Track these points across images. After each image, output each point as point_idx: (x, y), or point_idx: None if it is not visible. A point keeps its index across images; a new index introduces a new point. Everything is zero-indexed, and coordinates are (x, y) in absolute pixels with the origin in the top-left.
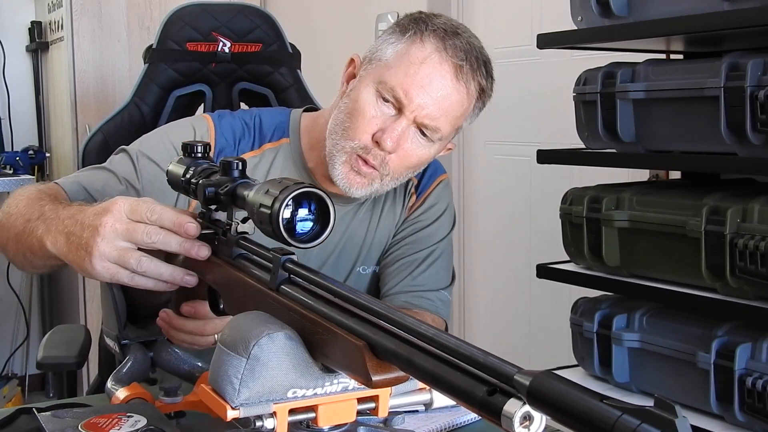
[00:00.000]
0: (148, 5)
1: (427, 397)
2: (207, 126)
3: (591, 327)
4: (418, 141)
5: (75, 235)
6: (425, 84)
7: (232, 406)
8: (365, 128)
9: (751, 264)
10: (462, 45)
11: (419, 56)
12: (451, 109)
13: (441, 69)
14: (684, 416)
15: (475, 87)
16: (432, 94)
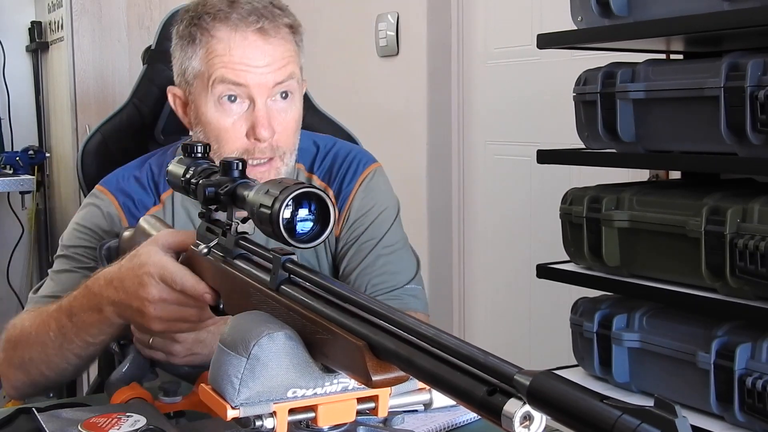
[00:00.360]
0: (148, 5)
1: (427, 397)
2: (108, 199)
3: (591, 327)
4: (283, 107)
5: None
6: (248, 62)
7: (232, 406)
8: (235, 136)
9: (751, 264)
10: (246, 8)
11: (223, 47)
12: (284, 60)
13: (249, 42)
14: (684, 416)
15: (285, 31)
16: (260, 65)
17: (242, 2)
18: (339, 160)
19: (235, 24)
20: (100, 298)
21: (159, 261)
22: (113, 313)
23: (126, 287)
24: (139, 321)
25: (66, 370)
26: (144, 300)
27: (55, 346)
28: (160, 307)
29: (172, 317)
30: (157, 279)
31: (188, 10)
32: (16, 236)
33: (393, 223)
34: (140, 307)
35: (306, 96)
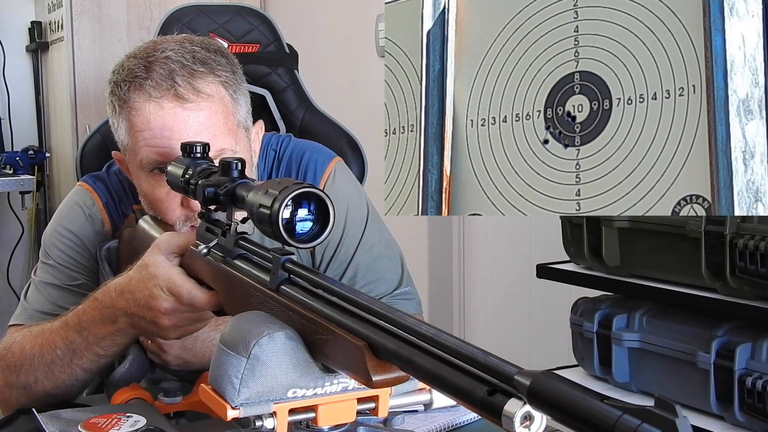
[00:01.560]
0: (148, 5)
1: (427, 397)
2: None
3: (591, 327)
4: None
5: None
6: (170, 135)
7: (232, 406)
8: (171, 206)
9: (751, 264)
10: (162, 72)
11: (141, 121)
12: (210, 125)
13: (165, 112)
14: (684, 416)
15: (209, 90)
16: (183, 137)
17: (158, 62)
18: (294, 165)
19: (149, 93)
20: (114, 310)
21: (166, 274)
22: (127, 324)
23: (137, 299)
24: (154, 331)
25: (73, 386)
26: (156, 312)
27: (63, 363)
28: (173, 317)
29: (185, 323)
30: (167, 292)
31: (113, 72)
32: (16, 236)
33: (366, 223)
34: (153, 319)
35: (306, 96)
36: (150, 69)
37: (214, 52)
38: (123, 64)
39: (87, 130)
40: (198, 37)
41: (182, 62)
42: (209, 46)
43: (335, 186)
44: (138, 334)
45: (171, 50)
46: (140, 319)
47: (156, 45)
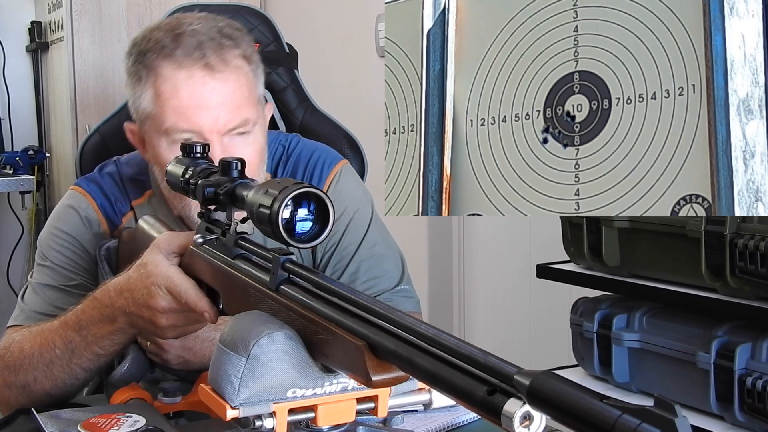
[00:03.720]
0: (148, 5)
1: (427, 397)
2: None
3: (591, 327)
4: (242, 142)
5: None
6: (198, 104)
7: (232, 406)
8: None
9: (751, 264)
10: (190, 43)
11: (170, 88)
12: (236, 97)
13: (195, 80)
14: (684, 416)
15: (234, 63)
16: (210, 106)
17: (187, 34)
18: (303, 163)
19: (179, 61)
20: (113, 309)
21: (165, 272)
22: (125, 323)
23: (135, 298)
24: (152, 330)
25: (72, 386)
26: (154, 310)
27: (62, 362)
28: (171, 317)
29: (183, 323)
30: (165, 291)
31: (135, 44)
32: (16, 236)
33: (370, 223)
34: (151, 318)
35: (306, 96)
36: (178, 40)
37: (237, 29)
38: (147, 36)
39: (87, 130)
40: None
41: (210, 35)
42: (232, 24)
43: (340, 185)
44: (137, 334)
45: (198, 24)
46: (138, 318)
47: (180, 19)
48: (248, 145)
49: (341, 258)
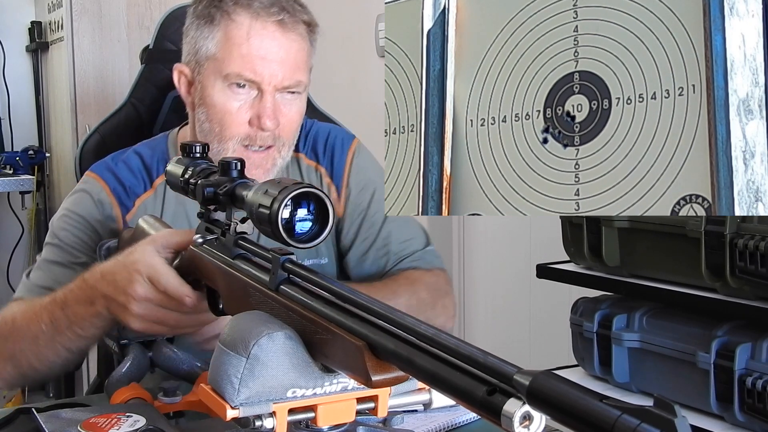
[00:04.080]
0: (148, 5)
1: (427, 397)
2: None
3: (591, 327)
4: (290, 101)
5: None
6: (263, 55)
7: (232, 406)
8: (238, 121)
9: (751, 264)
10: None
11: (241, 34)
12: (297, 58)
13: (267, 33)
14: (683, 416)
15: (302, 28)
16: (275, 59)
17: None
18: (321, 139)
19: (256, 12)
20: (94, 291)
21: (150, 261)
22: (103, 306)
23: (116, 281)
24: (121, 316)
25: (55, 363)
26: (130, 297)
27: (46, 338)
28: (143, 306)
29: (152, 318)
30: (145, 278)
31: None
32: (16, 236)
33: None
34: (125, 303)
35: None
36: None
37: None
38: None
39: (87, 130)
40: None
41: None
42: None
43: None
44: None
45: None
46: (113, 301)
47: None
48: (294, 106)
49: (371, 225)
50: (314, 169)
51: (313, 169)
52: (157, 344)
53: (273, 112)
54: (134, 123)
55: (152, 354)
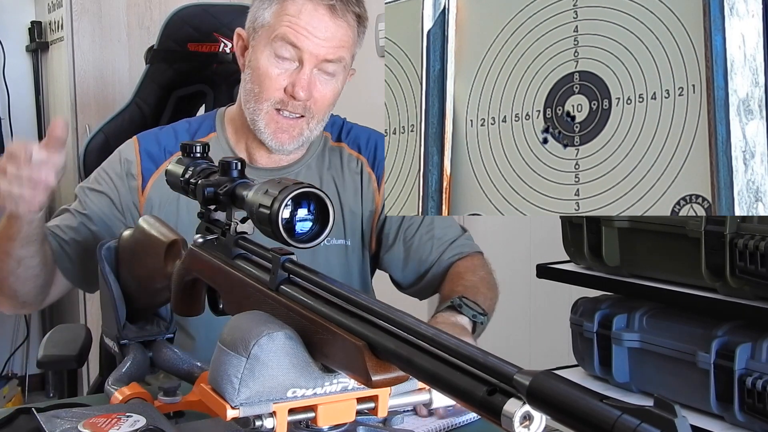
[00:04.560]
0: (148, 5)
1: (427, 397)
2: (132, 145)
3: (591, 327)
4: (325, 80)
5: None
6: (310, 30)
7: (232, 406)
8: (275, 86)
9: (751, 264)
10: None
11: (294, 9)
12: (341, 42)
13: (318, 14)
14: (683, 416)
15: (352, 18)
16: (319, 37)
17: None
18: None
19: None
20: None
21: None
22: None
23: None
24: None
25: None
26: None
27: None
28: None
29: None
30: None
31: None
32: None
33: None
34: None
35: None
36: None
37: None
38: None
39: (87, 130)
40: None
41: None
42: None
43: None
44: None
45: None
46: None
47: None
48: (329, 85)
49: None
50: (356, 158)
51: (354, 158)
52: (157, 344)
53: (307, 84)
54: (138, 123)
55: (152, 354)
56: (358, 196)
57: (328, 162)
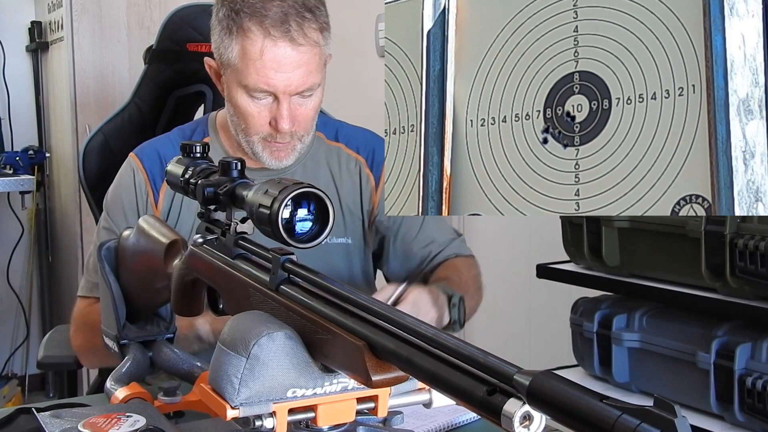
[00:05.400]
0: (148, 5)
1: (427, 397)
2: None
3: (591, 327)
4: (305, 101)
5: None
6: (276, 68)
7: (232, 406)
8: (259, 122)
9: (751, 264)
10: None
11: (255, 51)
12: (309, 67)
13: (279, 49)
14: (683, 416)
15: (312, 36)
16: (287, 71)
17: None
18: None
19: (267, 30)
20: None
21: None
22: None
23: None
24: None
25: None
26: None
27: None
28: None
29: None
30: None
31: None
32: (16, 236)
33: None
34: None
35: None
36: (267, 7)
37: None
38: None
39: (87, 130)
40: None
41: (296, 8)
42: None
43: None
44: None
45: None
46: None
47: None
48: (310, 103)
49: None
50: (355, 159)
51: (353, 158)
52: (157, 344)
53: (289, 116)
54: (137, 123)
55: (152, 354)
56: (357, 195)
57: (325, 161)
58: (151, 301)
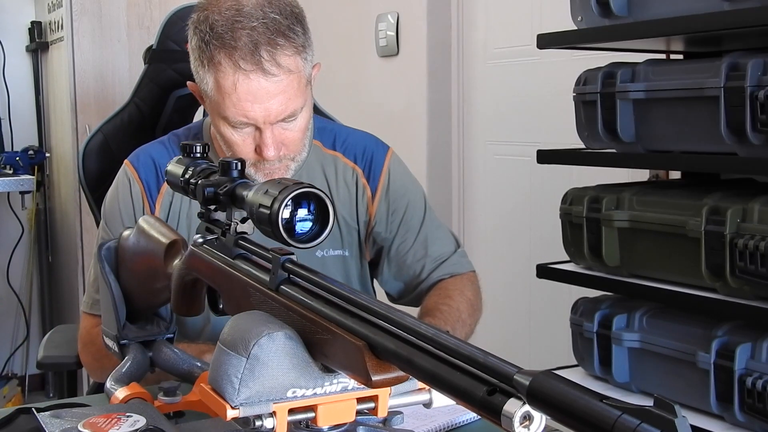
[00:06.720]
0: (148, 5)
1: (427, 397)
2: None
3: (591, 327)
4: (290, 125)
5: None
6: (252, 100)
7: (232, 406)
8: (245, 151)
9: (751, 264)
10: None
11: (229, 85)
12: (288, 95)
13: (252, 81)
14: (684, 416)
15: (288, 62)
16: (263, 102)
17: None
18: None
19: (237, 63)
20: None
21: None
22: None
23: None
24: None
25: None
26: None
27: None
28: None
29: None
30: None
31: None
32: (16, 236)
33: (425, 199)
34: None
35: None
36: (236, 37)
37: (292, 18)
38: (206, 18)
39: (87, 130)
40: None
41: (267, 35)
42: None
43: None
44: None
45: (256, 19)
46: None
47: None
48: (296, 126)
49: (408, 229)
50: (351, 169)
51: (350, 168)
52: (157, 344)
53: (273, 143)
54: (137, 123)
55: (152, 354)
56: (353, 207)
57: (321, 170)
58: (151, 301)
